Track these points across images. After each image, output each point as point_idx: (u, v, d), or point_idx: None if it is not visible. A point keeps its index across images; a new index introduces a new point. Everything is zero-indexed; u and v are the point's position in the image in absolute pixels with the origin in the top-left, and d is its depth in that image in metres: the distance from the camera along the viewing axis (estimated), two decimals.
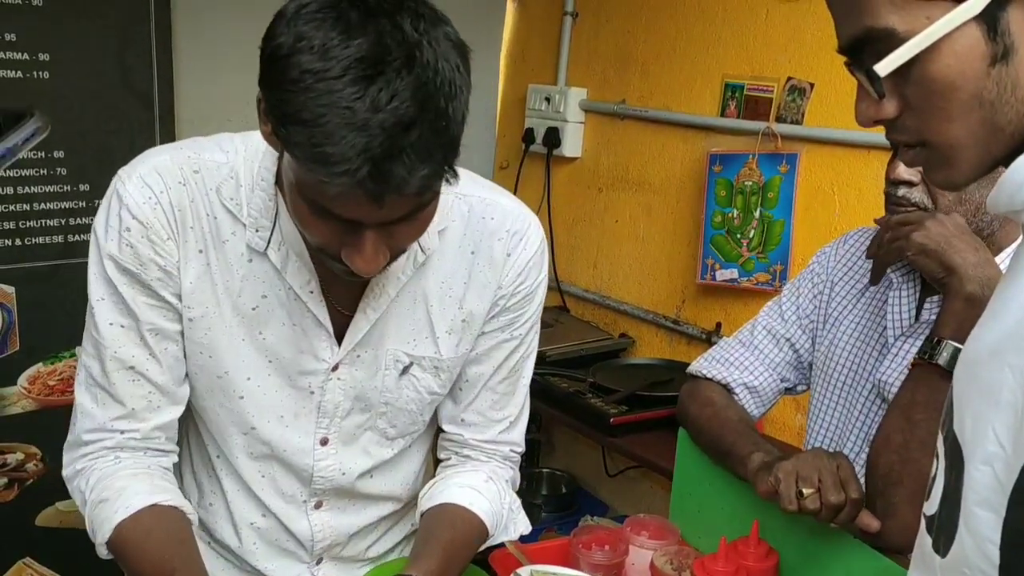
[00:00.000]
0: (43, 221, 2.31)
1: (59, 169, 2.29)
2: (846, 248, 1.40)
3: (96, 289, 1.03)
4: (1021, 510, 0.57)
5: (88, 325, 1.04)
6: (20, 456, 2.46)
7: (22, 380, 2.32)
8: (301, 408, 1.11)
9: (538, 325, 1.20)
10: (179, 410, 1.09)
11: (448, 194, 1.02)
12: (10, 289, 2.30)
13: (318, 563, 1.21)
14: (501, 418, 1.21)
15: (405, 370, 1.12)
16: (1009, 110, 0.63)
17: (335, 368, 1.10)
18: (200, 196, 1.02)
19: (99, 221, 1.02)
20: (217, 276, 1.04)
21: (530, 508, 2.57)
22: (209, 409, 1.11)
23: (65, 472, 1.08)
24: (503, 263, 1.12)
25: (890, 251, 1.20)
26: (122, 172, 1.02)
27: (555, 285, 2.87)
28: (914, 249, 1.15)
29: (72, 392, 1.07)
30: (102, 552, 1.02)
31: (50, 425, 1.27)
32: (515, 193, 3.13)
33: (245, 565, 1.20)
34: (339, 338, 1.09)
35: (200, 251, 1.03)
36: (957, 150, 0.65)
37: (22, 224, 2.34)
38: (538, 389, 2.37)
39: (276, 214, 1.03)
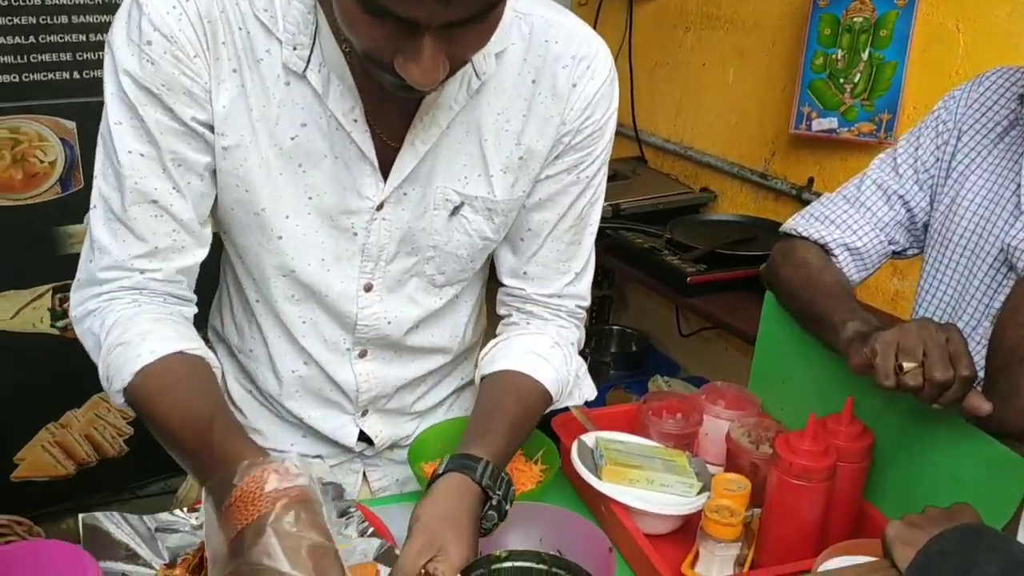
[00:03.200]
0: (101, 53, 2.21)
1: None
2: (981, 91, 1.20)
3: (114, 111, 0.92)
4: None
5: (106, 151, 0.94)
6: None
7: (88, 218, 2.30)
8: (343, 251, 1.02)
9: (606, 166, 1.08)
10: (203, 253, 1.01)
11: (507, 12, 0.89)
12: (71, 124, 2.24)
13: (363, 415, 1.16)
14: (567, 270, 1.11)
15: (455, 211, 1.02)
16: None
17: (380, 207, 1.00)
18: (231, 6, 0.90)
19: (116, 33, 0.90)
20: (252, 100, 0.93)
21: (598, 366, 2.51)
22: (247, 248, 1.03)
23: (74, 312, 0.98)
24: (568, 95, 0.99)
25: None
26: None
27: (633, 134, 2.68)
28: None
29: None
30: (117, 400, 0.93)
31: None
32: None
33: (287, 414, 1.15)
34: (384, 174, 0.98)
35: (234, 70, 0.92)
36: None
37: (79, 56, 2.25)
38: (611, 244, 2.25)
39: (316, 31, 0.91)
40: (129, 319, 0.94)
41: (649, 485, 1.10)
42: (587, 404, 1.22)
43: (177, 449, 0.91)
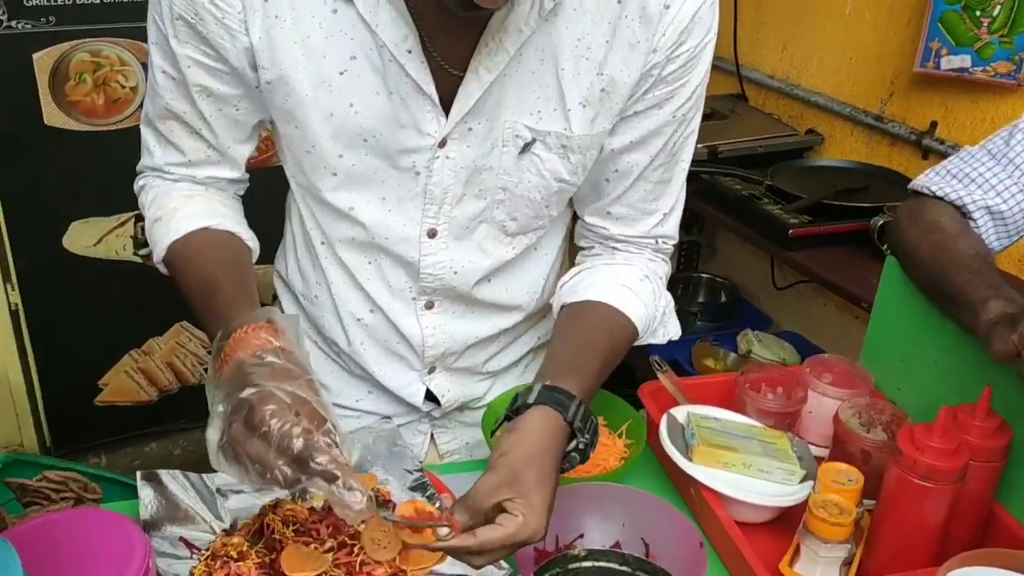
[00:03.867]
0: None
1: None
2: None
3: (151, 30, 0.90)
4: None
5: (148, 65, 0.93)
6: None
7: None
8: (405, 192, 0.94)
9: (702, 100, 0.96)
10: (237, 172, 1.00)
11: None
12: None
13: (430, 372, 1.08)
14: (654, 210, 1.01)
15: (526, 147, 0.92)
16: None
17: (442, 144, 0.91)
18: None
19: None
20: (294, 31, 0.85)
21: (684, 316, 2.38)
22: (307, 187, 0.97)
23: (135, 187, 1.02)
24: (659, 18, 0.86)
25: None
26: None
27: (734, 69, 2.49)
28: None
29: None
30: (162, 269, 0.98)
31: None
32: None
33: (354, 367, 1.09)
34: (447, 107, 0.89)
35: None
36: None
37: None
38: (705, 190, 2.10)
39: None
40: (165, 195, 0.97)
41: (746, 470, 1.00)
42: (674, 366, 1.11)
43: (196, 318, 0.91)
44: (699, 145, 2.23)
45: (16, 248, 2.29)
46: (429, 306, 1.03)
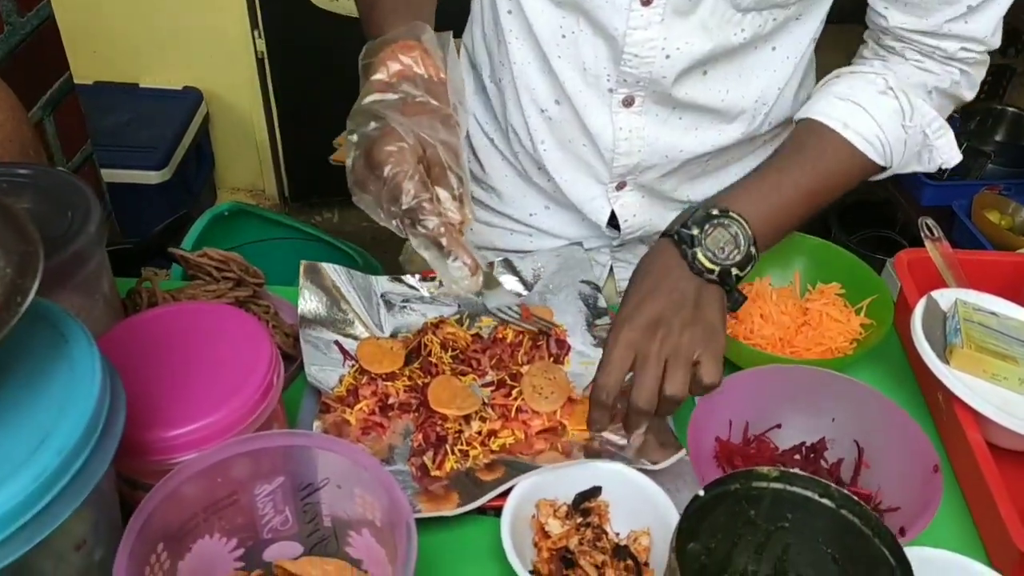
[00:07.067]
0: None
1: None
2: None
3: None
4: None
5: None
6: None
7: None
8: None
9: None
10: None
11: None
12: None
13: (619, 188, 0.92)
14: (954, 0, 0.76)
15: None
16: None
17: None
18: None
19: None
20: None
21: (975, 156, 2.00)
22: None
23: None
24: None
25: None
26: None
27: None
28: None
29: None
30: None
31: None
32: None
33: (534, 171, 0.95)
34: None
35: None
36: None
37: None
38: None
39: None
40: None
41: (1021, 387, 0.77)
42: (946, 214, 0.87)
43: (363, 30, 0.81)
44: None
45: None
46: (628, 103, 0.85)
